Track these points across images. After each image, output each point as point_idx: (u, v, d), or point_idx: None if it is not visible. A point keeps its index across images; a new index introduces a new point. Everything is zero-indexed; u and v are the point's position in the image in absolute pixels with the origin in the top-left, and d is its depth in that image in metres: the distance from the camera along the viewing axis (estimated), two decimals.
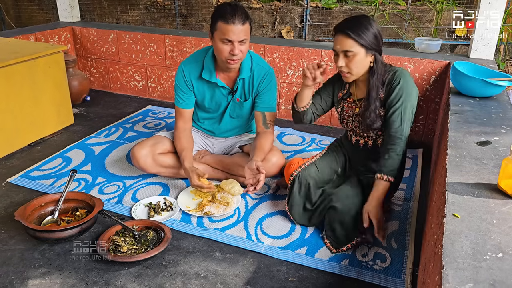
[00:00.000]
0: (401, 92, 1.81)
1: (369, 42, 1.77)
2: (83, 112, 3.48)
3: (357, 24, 1.77)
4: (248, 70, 2.16)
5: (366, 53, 1.80)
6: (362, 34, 1.76)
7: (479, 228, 1.07)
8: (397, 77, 1.82)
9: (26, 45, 3.06)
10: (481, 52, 2.83)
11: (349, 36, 1.76)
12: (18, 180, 2.39)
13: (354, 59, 1.80)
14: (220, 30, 1.97)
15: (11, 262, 1.76)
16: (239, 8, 1.97)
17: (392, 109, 1.82)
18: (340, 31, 1.80)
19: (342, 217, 1.86)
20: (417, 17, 5.61)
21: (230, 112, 2.32)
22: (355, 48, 1.78)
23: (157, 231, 1.92)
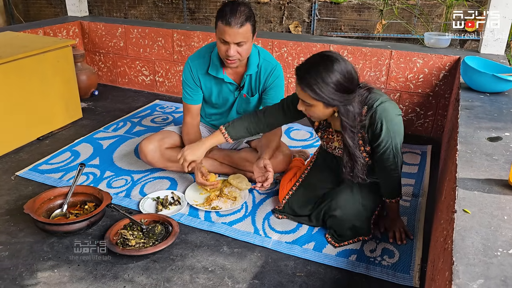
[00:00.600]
0: (387, 135, 1.64)
1: (327, 98, 1.56)
2: (91, 106, 3.50)
3: (314, 77, 1.55)
4: (255, 66, 2.15)
5: (326, 106, 1.61)
6: (318, 90, 1.55)
7: (490, 224, 1.06)
8: (378, 120, 1.63)
9: (35, 39, 3.07)
10: (492, 47, 2.80)
11: (303, 91, 1.59)
12: (27, 173, 2.41)
13: (312, 109, 1.64)
14: (219, 30, 1.95)
15: (21, 255, 1.78)
16: (239, 10, 1.90)
17: (381, 150, 1.68)
18: (297, 79, 1.62)
19: (344, 224, 1.85)
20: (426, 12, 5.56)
21: (237, 108, 2.31)
22: (311, 101, 1.61)
23: (165, 225, 1.92)
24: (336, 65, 1.55)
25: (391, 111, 1.64)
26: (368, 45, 3.08)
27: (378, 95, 1.67)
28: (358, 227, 1.84)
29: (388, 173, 1.76)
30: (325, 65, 1.55)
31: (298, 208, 2.01)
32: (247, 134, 1.98)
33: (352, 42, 3.21)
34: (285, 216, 2.04)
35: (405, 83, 2.96)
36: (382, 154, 1.70)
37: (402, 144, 1.74)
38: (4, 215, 2.04)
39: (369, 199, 1.87)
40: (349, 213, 1.83)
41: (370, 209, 1.87)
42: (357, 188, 1.88)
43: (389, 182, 1.80)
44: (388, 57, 2.94)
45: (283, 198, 2.06)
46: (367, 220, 1.86)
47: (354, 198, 1.86)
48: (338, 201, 1.86)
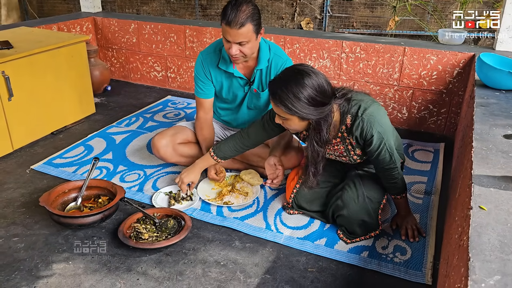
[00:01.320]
0: (379, 139, 1.66)
1: (300, 112, 1.57)
2: (104, 101, 3.53)
3: (286, 92, 1.56)
4: (265, 61, 2.14)
5: (301, 119, 1.64)
6: (290, 105, 1.56)
7: (506, 221, 1.05)
8: (367, 127, 1.64)
9: (50, 34, 3.11)
10: (507, 44, 2.77)
11: (276, 104, 1.61)
12: (42, 167, 2.44)
13: (288, 122, 1.67)
14: (222, 28, 1.96)
15: (36, 247, 1.80)
16: (241, 10, 1.88)
17: (376, 153, 1.70)
18: (269, 94, 1.64)
19: (352, 222, 1.85)
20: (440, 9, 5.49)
21: (247, 103, 2.31)
22: (286, 116, 1.63)
23: (178, 220, 1.94)
24: (306, 79, 1.56)
25: (376, 115, 1.65)
26: (381, 41, 3.06)
27: (358, 101, 1.68)
28: (367, 221, 1.84)
29: (388, 173, 1.77)
30: (296, 80, 1.56)
31: (306, 204, 2.01)
32: (234, 153, 2.06)
33: (364, 39, 3.19)
34: (296, 211, 2.04)
35: (418, 80, 2.94)
36: (377, 156, 1.71)
37: (415, 142, 1.74)
38: (20, 207, 2.07)
39: (374, 190, 1.87)
40: (356, 210, 1.83)
41: (377, 200, 1.87)
42: (359, 181, 1.90)
43: (391, 180, 1.80)
44: (401, 54, 2.92)
45: (289, 197, 2.06)
46: (375, 212, 1.86)
47: (359, 193, 1.86)
48: (344, 200, 1.86)
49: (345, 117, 1.69)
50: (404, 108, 3.06)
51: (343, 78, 3.14)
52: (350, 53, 3.06)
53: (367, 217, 1.84)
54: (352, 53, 3.05)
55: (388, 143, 1.68)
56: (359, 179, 1.91)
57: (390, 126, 1.73)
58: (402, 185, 1.83)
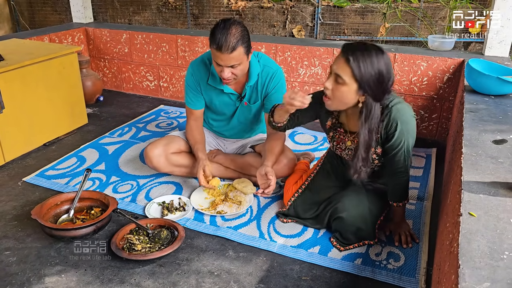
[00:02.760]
0: (401, 136, 1.65)
1: (366, 80, 1.54)
2: (96, 112, 3.52)
3: (365, 54, 1.53)
4: (256, 75, 2.14)
5: (358, 90, 1.58)
6: (363, 67, 1.52)
7: (495, 227, 1.06)
8: (392, 120, 1.64)
9: (41, 46, 3.10)
10: (496, 50, 2.80)
11: (347, 62, 1.54)
12: (34, 179, 2.43)
13: (341, 89, 1.59)
14: (212, 52, 1.95)
15: (28, 260, 1.79)
16: (230, 33, 1.86)
17: (394, 151, 1.70)
18: (344, 52, 1.57)
19: (349, 226, 1.85)
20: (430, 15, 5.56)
21: (238, 117, 2.31)
22: (348, 78, 1.56)
23: (171, 230, 1.93)
24: (385, 56, 1.57)
25: (406, 112, 1.65)
26: None
27: (393, 96, 1.68)
28: (363, 230, 1.84)
29: (397, 176, 1.77)
30: (377, 51, 1.56)
31: (302, 211, 2.01)
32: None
33: None
34: (289, 220, 2.04)
35: (409, 86, 2.96)
36: (394, 155, 1.71)
37: None
38: (12, 220, 2.06)
39: (376, 204, 1.88)
40: (355, 215, 1.84)
41: (376, 214, 1.87)
42: (364, 192, 1.89)
43: (397, 185, 1.80)
44: (392, 60, 2.94)
45: (288, 200, 2.06)
46: (372, 224, 1.86)
47: (361, 201, 1.86)
48: (345, 204, 1.86)
49: None
50: None
51: None
52: None
53: (364, 225, 1.84)
54: None
55: (407, 144, 1.68)
56: (363, 189, 1.91)
57: (415, 129, 1.70)
58: (405, 193, 1.83)
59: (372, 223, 1.86)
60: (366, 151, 1.70)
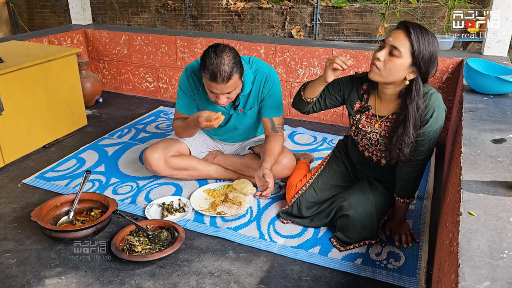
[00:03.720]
0: (434, 124, 1.67)
1: (422, 55, 1.58)
2: (96, 113, 3.52)
3: (424, 33, 1.59)
4: (249, 84, 2.12)
5: (410, 65, 1.61)
6: (422, 43, 1.57)
7: (495, 226, 1.06)
8: (431, 107, 1.66)
9: (40, 48, 3.10)
10: (495, 49, 2.80)
11: (408, 35, 1.58)
12: (34, 181, 2.43)
13: (395, 61, 1.61)
14: (204, 81, 1.94)
15: (28, 262, 1.79)
16: (223, 63, 1.84)
17: (421, 138, 1.70)
18: (404, 26, 1.60)
19: (355, 224, 1.85)
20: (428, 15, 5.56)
21: (234, 123, 2.29)
22: (404, 51, 1.59)
23: (171, 231, 1.93)
24: (436, 41, 1.62)
25: (441, 103, 1.69)
26: (371, 48, 3.08)
27: (430, 87, 1.72)
28: (368, 228, 1.85)
29: (414, 168, 1.77)
30: (432, 34, 1.62)
31: (305, 208, 2.01)
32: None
33: (354, 46, 3.22)
34: (290, 221, 2.04)
35: None
36: (420, 141, 1.70)
37: None
38: (12, 222, 2.06)
39: (381, 202, 1.88)
40: (362, 213, 1.84)
41: (381, 212, 1.88)
42: (370, 190, 1.90)
43: (410, 178, 1.80)
44: None
45: (292, 197, 2.05)
46: (377, 222, 1.87)
47: (367, 199, 1.87)
48: (351, 201, 1.87)
49: None
50: None
51: None
52: None
53: (369, 223, 1.85)
54: None
55: (435, 135, 1.70)
56: (369, 188, 1.92)
57: (443, 123, 1.72)
58: (415, 188, 1.84)
59: (377, 222, 1.86)
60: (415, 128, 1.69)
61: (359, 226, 1.85)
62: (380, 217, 1.88)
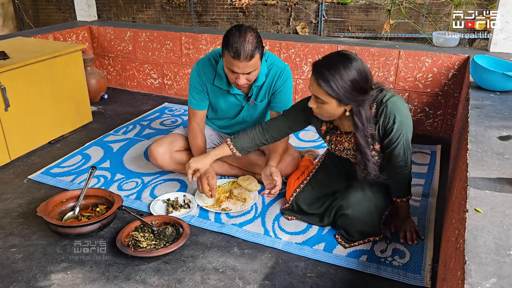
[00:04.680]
0: (400, 129, 1.65)
1: (342, 95, 1.56)
2: (101, 110, 3.53)
3: (332, 73, 1.55)
4: (263, 76, 2.12)
5: (339, 104, 1.61)
6: (335, 86, 1.54)
7: (502, 223, 1.05)
8: (390, 114, 1.64)
9: (45, 44, 3.11)
10: (502, 46, 2.78)
11: (319, 85, 1.58)
12: (39, 177, 2.44)
13: (324, 106, 1.63)
14: (226, 59, 1.92)
15: (34, 257, 1.80)
16: (247, 41, 1.84)
17: (393, 145, 1.69)
18: (313, 74, 1.61)
19: (355, 223, 1.85)
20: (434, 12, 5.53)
21: (244, 116, 2.30)
22: (325, 98, 1.59)
23: (176, 227, 1.94)
24: (354, 63, 1.56)
25: (401, 104, 1.66)
26: (376, 45, 3.07)
27: (385, 91, 1.69)
28: (369, 226, 1.84)
29: (398, 171, 1.76)
30: (344, 63, 1.56)
31: (305, 206, 2.01)
32: (252, 145, 1.99)
33: (360, 43, 3.20)
34: (294, 217, 2.04)
35: (414, 82, 2.95)
36: (393, 149, 1.70)
37: (412, 144, 1.75)
38: (18, 218, 2.07)
39: (381, 199, 1.87)
40: (361, 212, 1.83)
41: (381, 209, 1.87)
42: (369, 188, 1.88)
43: (399, 180, 1.79)
44: (397, 57, 2.93)
45: (290, 196, 2.06)
46: (378, 219, 1.86)
47: (366, 197, 1.85)
48: (350, 200, 1.86)
49: (370, 106, 1.67)
50: None
51: None
52: None
53: (370, 221, 1.84)
54: None
55: (406, 136, 1.68)
56: (367, 185, 1.89)
57: (411, 122, 1.70)
58: (408, 188, 1.83)
59: (378, 218, 1.86)
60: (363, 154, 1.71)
61: (359, 224, 1.84)
62: (380, 213, 1.86)
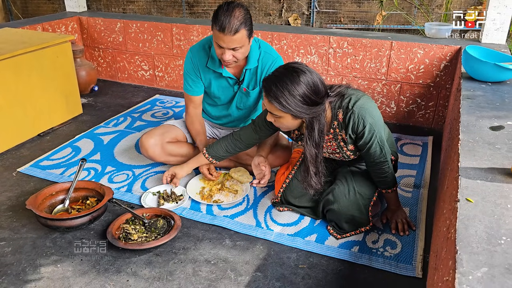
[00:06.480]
0: (371, 130, 1.65)
1: (294, 110, 1.56)
2: (91, 102, 3.49)
3: (280, 89, 1.55)
4: (255, 61, 2.13)
5: (294, 118, 1.62)
6: (285, 101, 1.55)
7: (493, 212, 1.05)
8: (358, 119, 1.64)
9: (34, 35, 3.06)
10: (493, 37, 2.78)
11: (270, 102, 1.59)
12: (29, 169, 2.41)
13: (280, 120, 1.65)
14: (214, 34, 1.94)
15: (23, 250, 1.78)
16: (233, 16, 1.85)
17: (367, 146, 1.70)
18: (264, 91, 1.61)
19: (343, 216, 1.85)
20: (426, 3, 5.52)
21: (237, 103, 2.29)
22: (279, 113, 1.61)
23: (167, 219, 1.92)
24: (302, 77, 1.55)
25: (367, 106, 1.65)
26: (368, 36, 3.06)
27: (349, 95, 1.68)
28: (357, 217, 1.84)
29: (378, 167, 1.77)
30: (292, 77, 1.55)
31: (294, 199, 2.01)
32: (226, 154, 2.07)
33: (352, 34, 3.19)
34: (286, 208, 2.04)
35: (405, 74, 2.95)
36: (368, 149, 1.71)
37: (404, 136, 1.75)
38: (7, 211, 2.04)
39: (365, 186, 1.87)
40: (347, 205, 1.83)
41: (367, 197, 1.86)
42: (351, 177, 1.89)
43: (381, 174, 1.80)
44: (389, 48, 2.93)
45: (278, 192, 2.06)
46: (365, 208, 1.86)
47: (350, 188, 1.86)
48: (335, 195, 1.86)
49: (336, 112, 1.69)
50: (392, 102, 3.07)
51: (331, 73, 3.14)
52: (338, 48, 3.06)
53: (357, 212, 1.84)
54: (339, 49, 3.05)
55: (379, 135, 1.68)
56: (350, 175, 1.91)
57: (381, 119, 1.72)
58: (392, 179, 1.83)
59: (365, 208, 1.86)
60: (315, 166, 1.75)
61: (347, 217, 1.84)
62: (366, 202, 1.86)
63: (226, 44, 1.91)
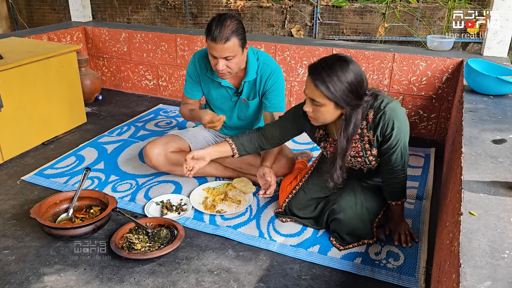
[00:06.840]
0: (399, 134, 1.65)
1: (339, 97, 1.56)
2: (95, 111, 3.51)
3: (330, 74, 1.54)
4: (254, 73, 2.15)
5: (336, 107, 1.61)
6: (332, 87, 1.54)
7: (496, 226, 1.06)
8: (389, 120, 1.63)
9: (40, 44, 3.10)
10: (495, 50, 2.80)
11: (316, 86, 1.57)
12: (33, 178, 2.42)
13: (321, 109, 1.62)
14: (207, 44, 1.97)
15: (27, 259, 1.78)
16: (225, 25, 1.89)
17: (391, 150, 1.69)
18: (310, 76, 1.60)
19: (347, 228, 1.85)
20: (428, 15, 5.56)
21: (238, 113, 2.31)
22: (322, 100, 1.59)
23: (170, 229, 1.93)
24: (351, 65, 1.57)
25: (400, 110, 1.66)
26: (371, 48, 3.08)
27: (382, 97, 1.69)
28: (361, 229, 1.85)
29: (395, 175, 1.76)
30: (341, 65, 1.56)
31: (298, 211, 2.01)
32: (251, 146, 1.97)
33: (354, 45, 3.22)
34: (289, 219, 2.04)
35: (408, 86, 2.97)
36: (391, 154, 1.70)
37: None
38: (11, 219, 2.05)
39: (373, 202, 1.87)
40: (352, 216, 1.84)
41: (373, 212, 1.87)
42: (360, 191, 1.89)
43: (395, 184, 1.79)
44: (391, 60, 2.95)
45: (283, 201, 2.06)
46: (370, 223, 1.86)
47: (357, 201, 1.86)
48: (341, 204, 1.86)
49: (367, 112, 1.68)
50: None
51: None
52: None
53: (361, 225, 1.84)
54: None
55: (403, 141, 1.68)
56: (359, 188, 1.90)
57: (408, 125, 1.70)
58: (403, 191, 1.83)
59: (370, 222, 1.86)
60: (343, 159, 1.73)
61: (350, 228, 1.85)
62: (372, 217, 1.87)
63: (219, 53, 1.94)
